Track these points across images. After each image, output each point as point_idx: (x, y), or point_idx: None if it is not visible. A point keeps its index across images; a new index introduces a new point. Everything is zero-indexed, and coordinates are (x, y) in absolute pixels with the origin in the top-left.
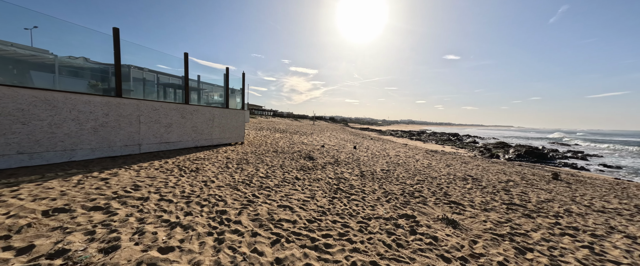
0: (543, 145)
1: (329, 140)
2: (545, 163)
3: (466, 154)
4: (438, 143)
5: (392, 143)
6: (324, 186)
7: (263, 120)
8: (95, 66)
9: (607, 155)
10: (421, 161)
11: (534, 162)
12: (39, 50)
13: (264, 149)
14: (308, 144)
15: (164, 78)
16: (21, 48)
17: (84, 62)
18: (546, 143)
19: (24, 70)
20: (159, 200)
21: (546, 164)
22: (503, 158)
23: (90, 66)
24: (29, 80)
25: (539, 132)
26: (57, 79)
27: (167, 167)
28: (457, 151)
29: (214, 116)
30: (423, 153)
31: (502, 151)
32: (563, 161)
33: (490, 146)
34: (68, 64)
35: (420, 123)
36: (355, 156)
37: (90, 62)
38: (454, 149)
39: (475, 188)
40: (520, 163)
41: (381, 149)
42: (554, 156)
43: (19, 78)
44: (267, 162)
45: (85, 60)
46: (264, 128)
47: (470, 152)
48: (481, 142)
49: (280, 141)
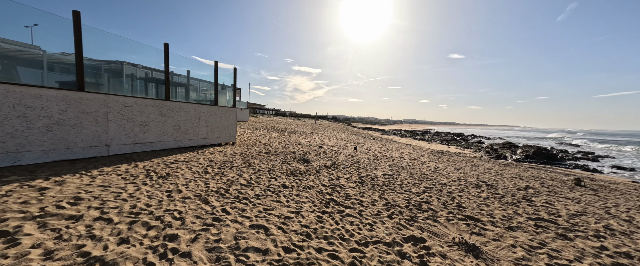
0: (551, 146)
1: (329, 140)
2: (555, 165)
3: (472, 155)
4: (442, 143)
5: (395, 144)
6: (314, 196)
7: (263, 120)
8: (90, 63)
9: (619, 156)
10: (427, 164)
11: (544, 163)
12: (27, 46)
13: (255, 150)
14: (305, 145)
15: (142, 72)
16: (8, 43)
17: None
18: (553, 144)
19: (10, 66)
20: (96, 220)
21: (557, 166)
22: (511, 159)
23: (85, 63)
24: (15, 76)
25: (542, 132)
26: (46, 76)
27: (133, 172)
28: (462, 151)
29: (200, 114)
30: (428, 154)
31: (510, 152)
32: (574, 162)
33: (496, 146)
34: (59, 60)
35: (423, 122)
36: (355, 158)
37: (85, 59)
38: (459, 149)
39: (492, 197)
40: (531, 165)
41: (384, 150)
42: (564, 157)
43: (3, 75)
44: (254, 165)
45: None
46: (261, 128)
47: (476, 152)
48: (487, 142)
49: (276, 141)
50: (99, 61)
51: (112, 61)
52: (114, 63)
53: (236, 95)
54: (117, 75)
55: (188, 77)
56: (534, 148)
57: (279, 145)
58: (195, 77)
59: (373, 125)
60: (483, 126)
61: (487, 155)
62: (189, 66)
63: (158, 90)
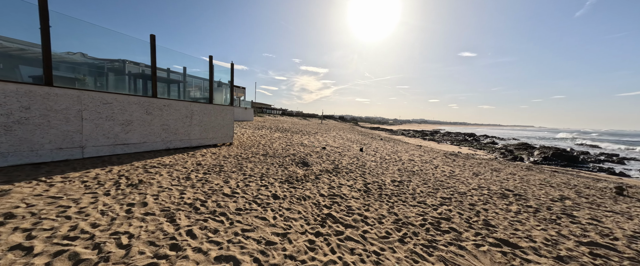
0: (571, 147)
1: (333, 140)
2: (577, 168)
3: (486, 156)
4: (453, 143)
5: (404, 145)
6: (309, 210)
7: (269, 119)
8: (93, 61)
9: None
10: (441, 168)
11: (564, 165)
12: (30, 44)
13: (252, 152)
14: (308, 145)
15: (135, 69)
16: (9, 41)
17: (81, 57)
18: (572, 145)
19: (12, 65)
20: (11, 249)
21: (579, 168)
22: (528, 161)
23: (88, 62)
24: (18, 75)
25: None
26: None
27: (103, 178)
28: (475, 153)
29: (192, 113)
30: (441, 156)
31: (526, 153)
32: (597, 165)
33: (511, 147)
34: (62, 59)
35: (433, 122)
36: (360, 161)
37: (87, 58)
38: (471, 150)
39: (524, 211)
40: (554, 168)
41: (392, 152)
42: (586, 159)
43: (4, 73)
44: (246, 169)
45: (82, 56)
46: (265, 127)
47: (490, 153)
48: (500, 142)
49: (277, 142)
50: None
51: (115, 60)
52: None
53: (234, 93)
54: (106, 72)
55: (184, 74)
56: (552, 150)
57: (279, 146)
58: (191, 74)
59: (381, 125)
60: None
61: (502, 156)
62: (186, 63)
63: (146, 86)
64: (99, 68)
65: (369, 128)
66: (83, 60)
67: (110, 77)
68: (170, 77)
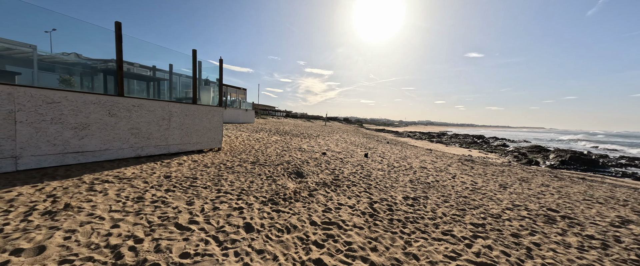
0: (588, 150)
1: (336, 144)
2: (601, 173)
3: (498, 160)
4: (462, 146)
5: (413, 149)
6: (290, 253)
7: (271, 121)
8: (87, 62)
9: None
10: (460, 177)
11: (584, 170)
12: (18, 44)
13: (241, 159)
14: (306, 151)
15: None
16: None
17: (75, 58)
18: (588, 147)
19: None
20: None
21: (602, 174)
22: (544, 165)
23: (83, 62)
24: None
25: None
26: (36, 75)
27: (23, 199)
28: (486, 156)
29: (170, 114)
30: (457, 163)
31: (541, 156)
32: (620, 170)
33: (524, 150)
34: (53, 59)
35: (439, 124)
36: (365, 170)
37: (82, 58)
38: (482, 153)
39: (588, 245)
40: (577, 173)
41: (401, 157)
42: (606, 163)
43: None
44: (225, 184)
45: (77, 56)
46: (264, 130)
47: (503, 157)
48: (511, 145)
49: (272, 146)
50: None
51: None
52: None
53: (233, 94)
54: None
55: (171, 72)
56: (569, 153)
57: (274, 151)
58: (178, 72)
59: (386, 126)
60: (504, 128)
61: (516, 160)
62: (171, 60)
63: (107, 83)
64: (94, 69)
65: (374, 130)
66: (78, 60)
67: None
68: (155, 76)
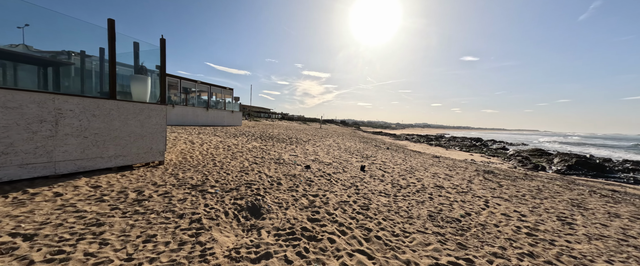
0: (591, 154)
1: (327, 152)
2: (612, 179)
3: (503, 165)
4: (462, 149)
5: (417, 156)
6: None
7: (262, 124)
8: (37, 54)
9: None
10: (494, 204)
11: (593, 176)
12: None
13: (179, 181)
14: (286, 163)
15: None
16: None
17: (24, 49)
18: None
19: None
20: None
21: (611, 179)
22: (550, 170)
23: (31, 54)
24: None
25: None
26: None
27: None
28: (489, 160)
29: (58, 113)
30: (476, 177)
31: (545, 161)
32: (629, 175)
33: (525, 153)
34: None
35: (436, 127)
36: (360, 194)
37: (32, 50)
38: (484, 158)
39: None
40: (589, 179)
41: (406, 170)
42: (612, 168)
43: None
44: (94, 242)
45: (25, 48)
46: (246, 135)
47: (506, 161)
48: (511, 148)
49: (242, 157)
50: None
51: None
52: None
53: (166, 85)
54: None
55: (102, 58)
56: (575, 158)
57: (239, 165)
58: (121, 64)
59: (383, 129)
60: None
61: (521, 165)
62: (81, 39)
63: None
64: (42, 62)
65: (372, 133)
66: (26, 52)
67: None
68: (59, 59)
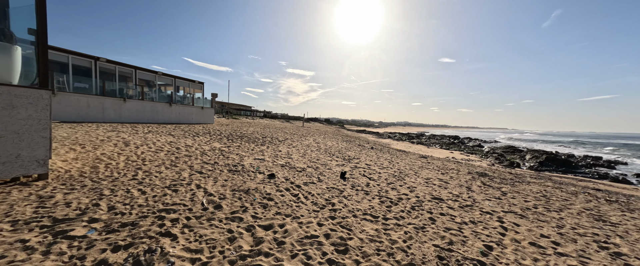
0: (556, 150)
1: (303, 154)
2: (580, 174)
3: (482, 163)
4: (443, 147)
5: (404, 157)
6: None
7: (237, 122)
8: None
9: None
10: (512, 225)
11: (563, 171)
12: None
13: (30, 215)
14: (244, 171)
15: None
16: None
17: None
18: (550, 146)
19: None
20: None
21: (579, 175)
22: (524, 166)
23: None
24: None
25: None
26: None
27: None
28: (468, 158)
29: None
30: (473, 181)
31: (518, 157)
32: (592, 170)
33: (499, 150)
34: None
35: (416, 125)
36: (336, 217)
37: None
38: (464, 156)
39: None
40: (557, 175)
41: (394, 174)
42: (577, 163)
43: None
44: None
45: None
46: (211, 133)
47: (484, 158)
48: (486, 145)
49: (189, 163)
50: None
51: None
52: None
53: (47, 60)
54: None
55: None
56: (546, 154)
57: (173, 176)
58: None
59: (367, 127)
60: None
61: (498, 162)
62: None
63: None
64: None
65: (356, 132)
66: None
67: None
68: None
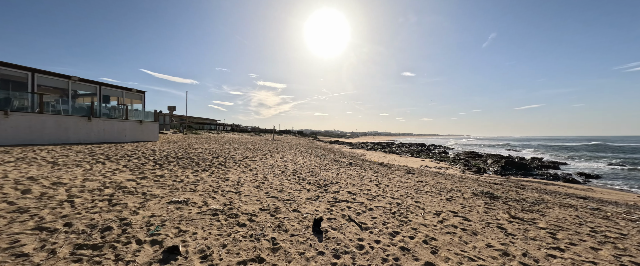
0: (509, 154)
1: (261, 182)
2: (532, 176)
3: (452, 170)
4: (413, 155)
5: (389, 174)
6: None
7: (192, 138)
8: None
9: (564, 161)
10: None
11: (522, 174)
12: None
13: None
14: (117, 242)
15: None
16: None
17: None
18: (503, 151)
19: None
20: None
21: (534, 177)
22: (490, 171)
23: None
24: None
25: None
26: None
27: None
28: (439, 165)
29: None
30: (495, 210)
31: (481, 162)
32: (544, 172)
33: (463, 156)
34: None
35: (385, 134)
36: None
37: None
38: (434, 163)
39: None
40: (520, 179)
41: (391, 209)
42: (530, 166)
43: None
44: None
45: None
46: (128, 158)
47: (453, 165)
48: (451, 152)
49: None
50: None
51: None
52: None
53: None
54: None
55: None
56: (505, 159)
57: None
58: None
59: (340, 138)
60: (435, 136)
61: (467, 168)
62: None
63: None
64: None
65: (329, 143)
66: None
67: None
68: None
